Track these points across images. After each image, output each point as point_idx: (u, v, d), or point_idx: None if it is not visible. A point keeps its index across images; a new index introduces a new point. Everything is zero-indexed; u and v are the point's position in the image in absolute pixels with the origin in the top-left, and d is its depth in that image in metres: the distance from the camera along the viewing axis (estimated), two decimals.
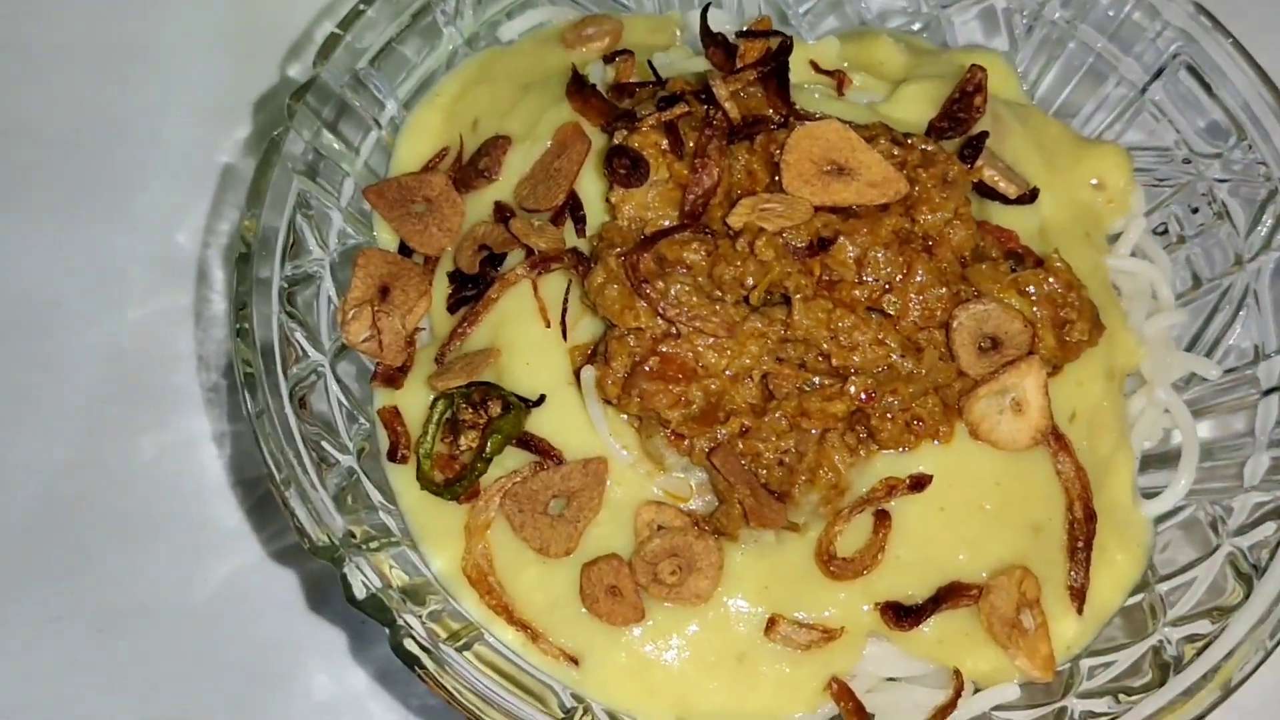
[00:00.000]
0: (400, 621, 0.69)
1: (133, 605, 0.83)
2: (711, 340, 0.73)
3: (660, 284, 0.73)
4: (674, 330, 0.74)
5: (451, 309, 0.82)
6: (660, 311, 0.73)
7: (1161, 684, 0.71)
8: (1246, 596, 0.73)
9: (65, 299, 0.89)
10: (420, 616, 0.70)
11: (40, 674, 0.82)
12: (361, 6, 0.85)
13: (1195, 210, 0.89)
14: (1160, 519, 0.81)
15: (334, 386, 0.79)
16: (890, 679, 0.76)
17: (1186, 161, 0.89)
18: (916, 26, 0.98)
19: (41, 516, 0.85)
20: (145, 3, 0.99)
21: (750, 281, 0.74)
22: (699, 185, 0.75)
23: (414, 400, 0.80)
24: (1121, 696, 0.71)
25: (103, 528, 0.84)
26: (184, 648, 0.82)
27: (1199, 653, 0.71)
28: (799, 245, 0.75)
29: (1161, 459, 0.84)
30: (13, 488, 0.85)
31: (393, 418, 0.80)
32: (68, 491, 0.85)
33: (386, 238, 0.86)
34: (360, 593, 0.69)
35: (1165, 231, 0.91)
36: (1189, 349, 0.86)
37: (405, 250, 0.85)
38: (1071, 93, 0.95)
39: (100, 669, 0.83)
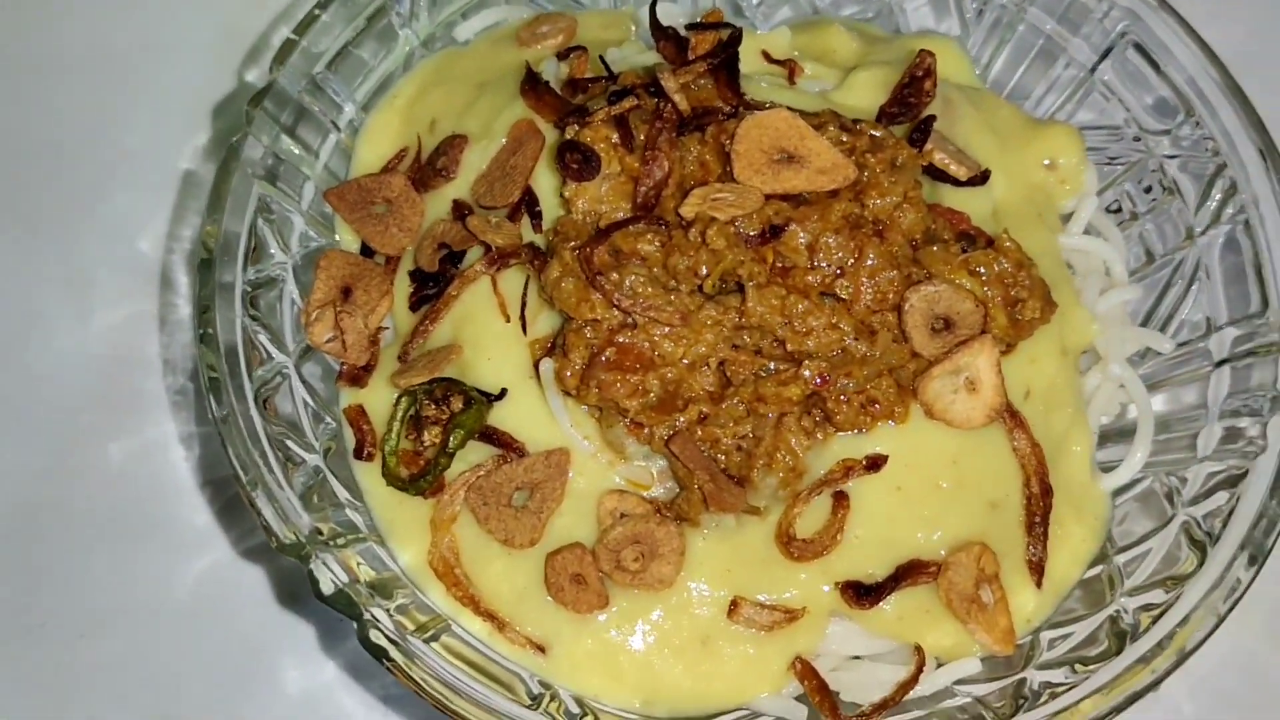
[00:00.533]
0: (368, 615, 0.70)
1: (111, 608, 0.84)
2: (667, 330, 0.74)
3: (615, 276, 0.74)
4: (630, 321, 0.75)
5: (413, 307, 0.83)
6: (615, 303, 0.74)
7: (1118, 652, 0.72)
8: (1200, 564, 0.74)
9: (32, 307, 0.91)
10: (388, 610, 0.71)
11: (25, 680, 0.83)
12: (317, 11, 0.86)
13: (1148, 189, 0.90)
14: (1117, 492, 0.82)
15: (299, 387, 0.80)
16: (854, 657, 0.77)
17: (1136, 139, 0.90)
18: (870, 14, 0.99)
19: (17, 523, 0.86)
20: (102, 13, 1.00)
21: (704, 270, 0.75)
22: (650, 177, 0.76)
23: (379, 398, 0.81)
24: (1078, 666, 0.72)
25: (77, 533, 0.86)
26: (162, 648, 0.83)
27: (1154, 621, 0.72)
28: (751, 234, 0.76)
29: (1118, 433, 0.85)
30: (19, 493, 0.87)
31: (358, 416, 0.81)
32: (42, 498, 0.86)
33: (348, 239, 0.87)
34: (328, 588, 0.70)
35: (1119, 210, 0.92)
36: (1143, 324, 0.87)
37: (367, 251, 0.86)
38: (1023, 75, 0.96)
39: (83, 672, 0.84)
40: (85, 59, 0.97)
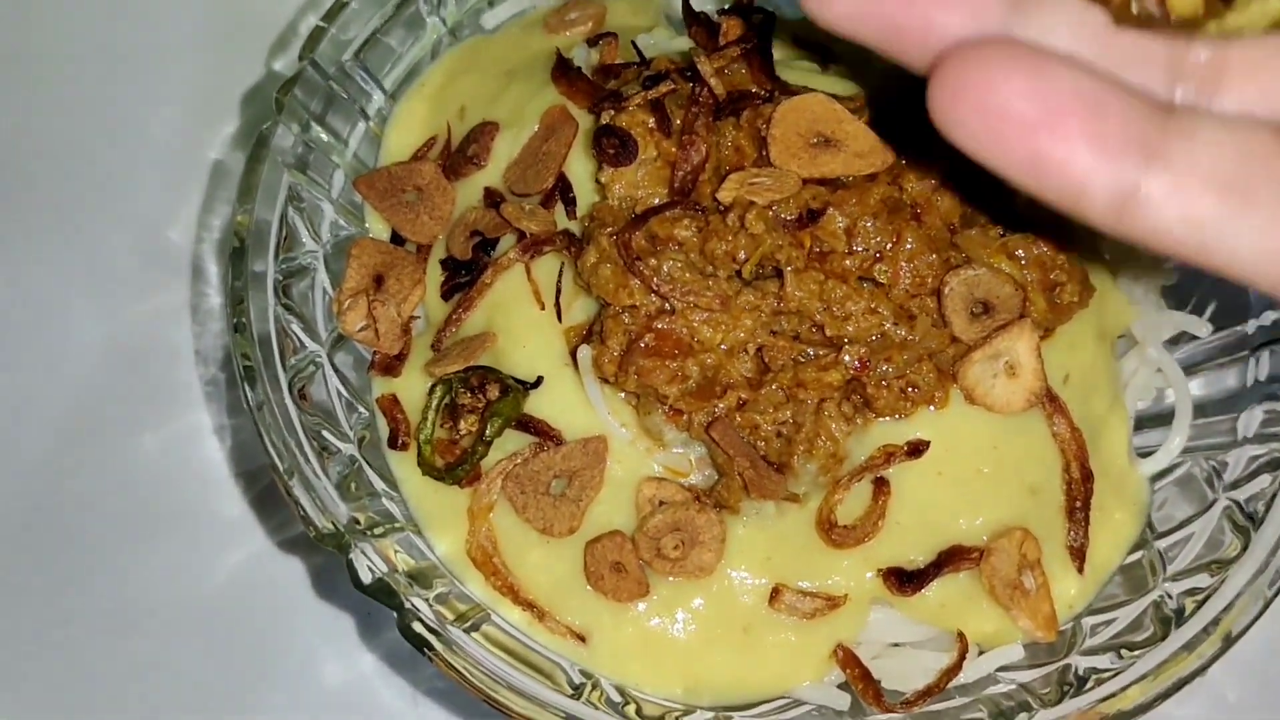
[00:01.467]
0: (408, 605, 0.69)
1: (142, 603, 0.83)
2: (706, 315, 0.74)
3: (653, 261, 0.74)
4: (668, 307, 0.74)
5: (446, 296, 0.82)
6: (654, 288, 0.74)
7: (1163, 638, 0.71)
8: (1245, 548, 0.73)
9: (63, 299, 0.90)
10: (427, 599, 0.71)
11: (54, 677, 0.83)
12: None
13: None
14: (1156, 477, 0.82)
15: (332, 377, 0.80)
16: (896, 644, 0.76)
17: None
18: None
19: (47, 518, 0.85)
20: (127, 5, 0.99)
21: (742, 255, 0.74)
22: (687, 161, 0.76)
23: (412, 387, 0.80)
24: (1124, 652, 0.72)
25: (109, 526, 0.85)
26: (195, 642, 0.82)
27: (1199, 606, 0.72)
28: (789, 218, 0.75)
29: (1156, 418, 0.85)
30: (17, 489, 0.86)
31: (392, 405, 0.81)
32: (72, 491, 0.86)
33: (379, 228, 0.86)
34: (366, 578, 0.70)
35: None
36: (1179, 308, 0.87)
37: (398, 239, 0.85)
38: None
39: (113, 668, 0.83)
40: (110, 51, 0.96)
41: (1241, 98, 0.48)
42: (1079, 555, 0.77)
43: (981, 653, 0.75)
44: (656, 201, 0.77)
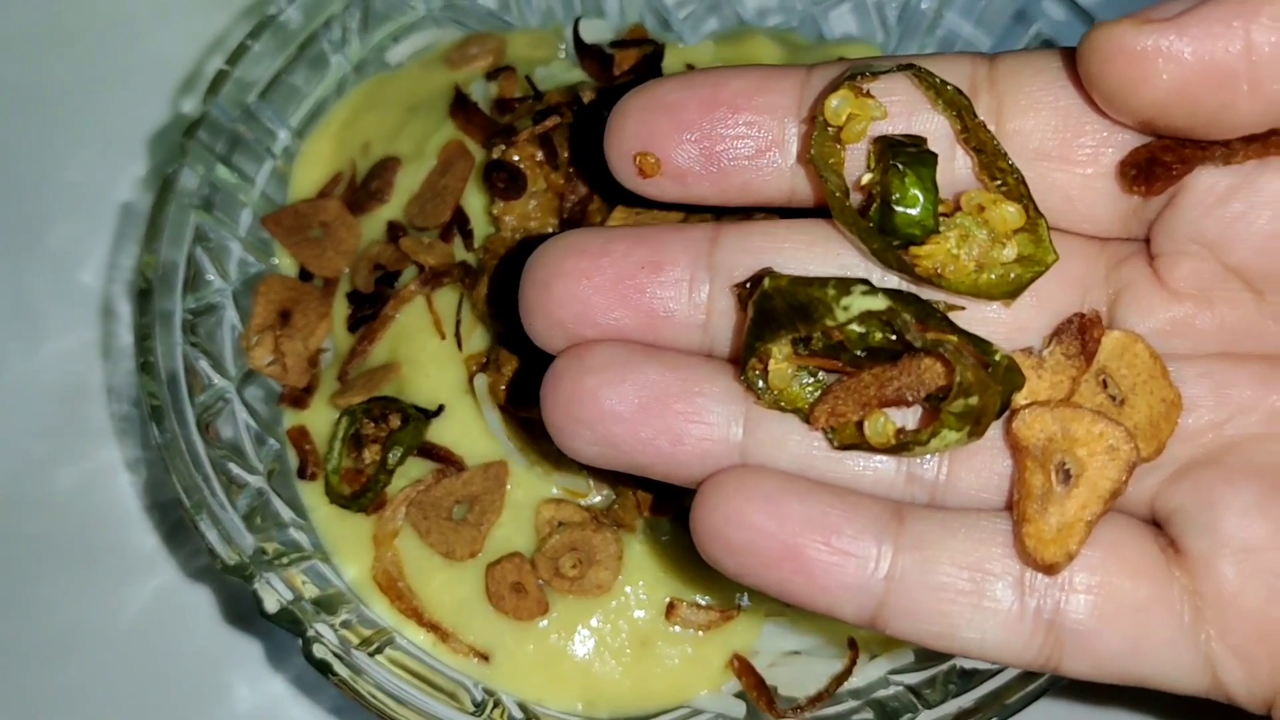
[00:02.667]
0: (312, 631, 0.71)
1: (63, 634, 0.85)
2: None
3: None
4: None
5: (352, 328, 0.85)
6: None
7: None
8: None
9: None
10: (332, 625, 0.73)
11: None
12: (248, 41, 0.87)
13: None
14: None
15: (241, 411, 0.82)
16: (790, 653, 0.79)
17: None
18: (794, 23, 1.01)
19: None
20: (37, 48, 1.01)
21: None
22: (574, 193, 0.78)
23: (320, 419, 0.83)
24: None
25: (28, 560, 0.87)
26: (117, 670, 0.84)
27: None
28: None
29: None
30: None
31: (300, 437, 0.83)
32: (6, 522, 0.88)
33: (287, 263, 0.88)
34: (272, 607, 0.72)
35: None
36: None
37: (305, 275, 0.87)
38: None
39: (37, 700, 0.85)
40: (19, 93, 0.98)
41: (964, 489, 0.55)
42: None
43: (873, 658, 0.78)
44: (549, 231, 0.80)
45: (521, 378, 0.76)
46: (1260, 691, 0.52)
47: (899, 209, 0.53)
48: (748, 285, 0.55)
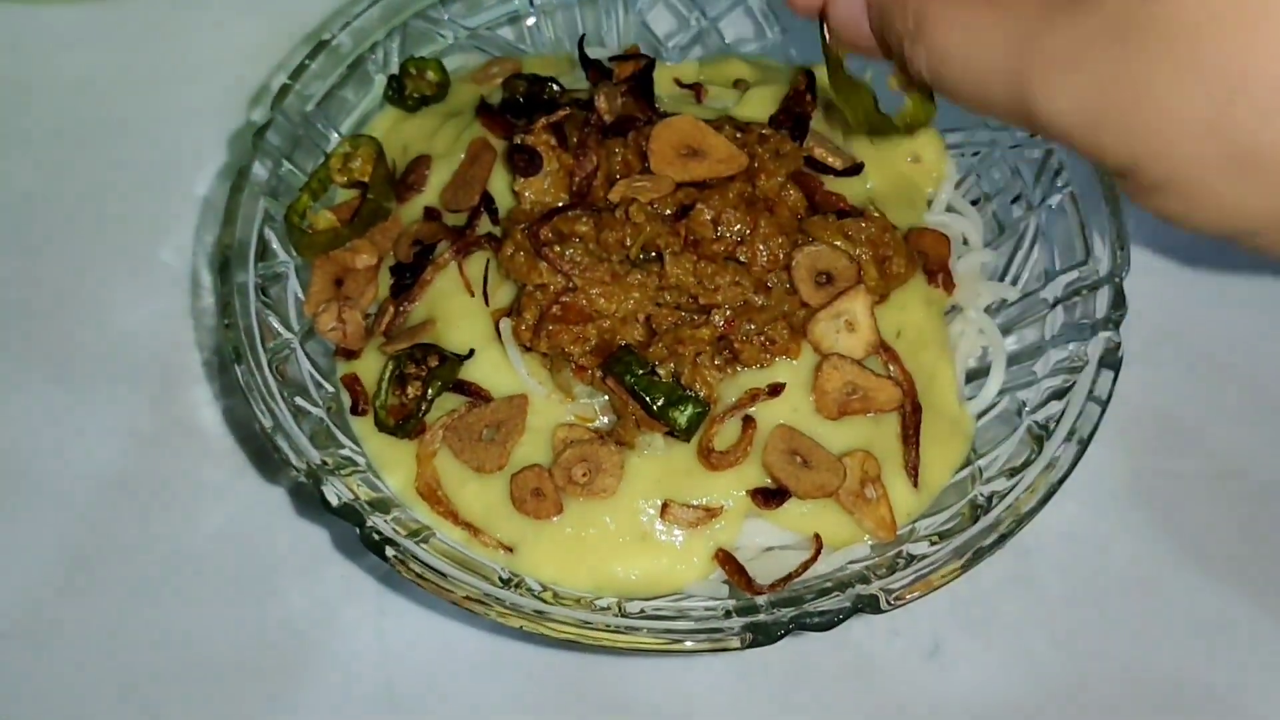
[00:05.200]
0: (370, 522, 0.87)
1: (165, 548, 1.02)
2: (601, 290, 0.92)
3: (557, 248, 0.93)
4: (571, 285, 0.93)
5: (395, 294, 1.01)
6: (559, 269, 0.92)
7: (973, 523, 0.89)
8: (1038, 454, 0.91)
9: (94, 300, 1.11)
10: (385, 519, 0.88)
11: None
12: (306, 61, 1.05)
13: (996, 175, 1.09)
14: (980, 414, 1.00)
15: (304, 360, 0.98)
16: (767, 549, 0.93)
17: (986, 137, 1.09)
18: (767, 50, 1.19)
19: (91, 484, 1.04)
20: (136, 81, 1.22)
21: (629, 242, 0.93)
22: (581, 169, 0.95)
23: (369, 367, 0.98)
24: (935, 539, 0.89)
25: (134, 488, 1.04)
26: (200, 570, 1.00)
27: (1001, 498, 0.90)
28: (666, 213, 0.94)
29: (983, 372, 1.03)
30: (45, 457, 1.04)
31: (353, 381, 0.98)
32: (104, 463, 1.05)
33: None
34: (335, 502, 0.87)
35: (977, 201, 1.10)
36: (1000, 281, 1.06)
37: None
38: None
39: (148, 604, 1.00)
40: (123, 123, 1.18)
41: None
42: (913, 472, 0.95)
43: (835, 551, 0.92)
44: (562, 204, 0.96)
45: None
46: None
47: None
48: None
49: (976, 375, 1.03)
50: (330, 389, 0.98)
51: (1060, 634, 1.01)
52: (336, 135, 1.07)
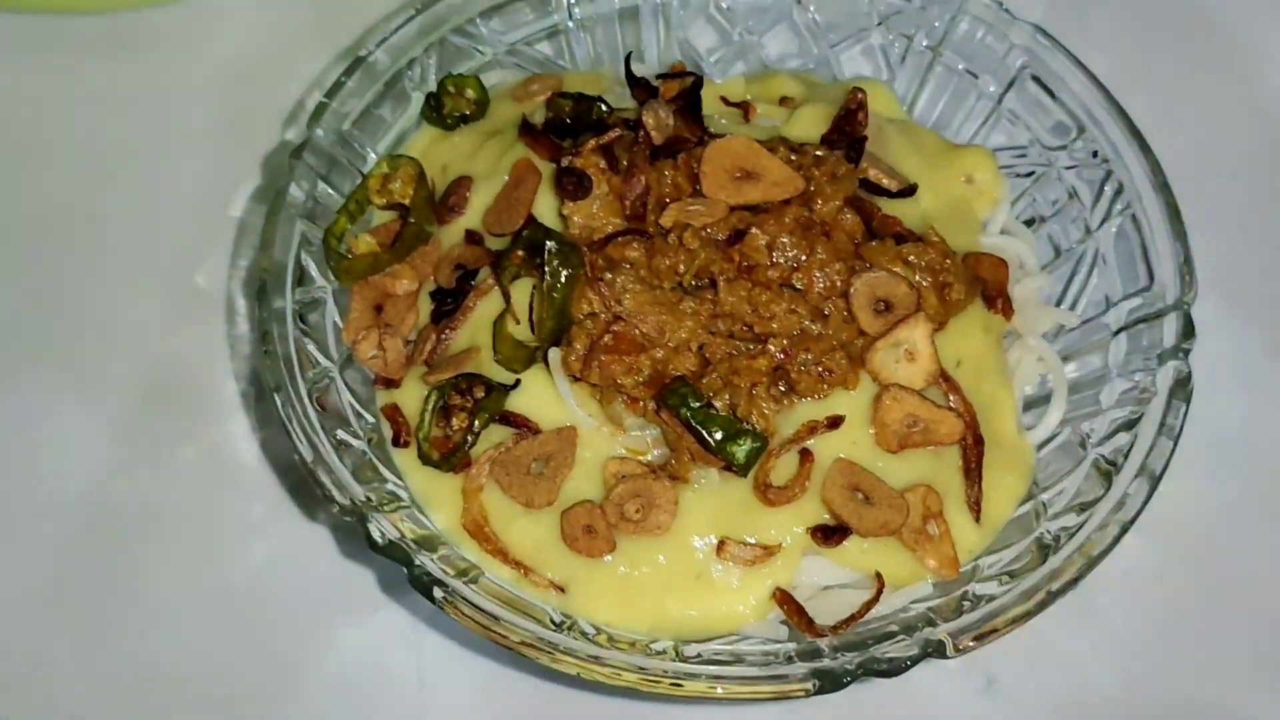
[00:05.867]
0: (417, 561, 0.83)
1: (199, 584, 0.99)
2: (654, 319, 0.89)
3: (608, 276, 0.90)
4: (623, 313, 0.90)
5: (435, 320, 0.97)
6: (611, 299, 0.89)
7: (1042, 563, 0.86)
8: (1106, 490, 0.88)
9: (120, 324, 1.08)
10: (432, 558, 0.85)
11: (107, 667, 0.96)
12: (343, 79, 1.02)
13: (1053, 197, 1.06)
14: (1041, 445, 0.97)
15: (344, 389, 0.95)
16: (826, 588, 0.90)
17: (1040, 156, 1.06)
18: (811, 65, 1.16)
19: (109, 514, 1.00)
20: (172, 101, 1.19)
21: (682, 269, 0.90)
22: (631, 191, 0.92)
23: (410, 396, 0.95)
24: (1004, 578, 0.86)
25: (166, 521, 1.00)
26: (238, 609, 0.97)
27: (1070, 536, 0.87)
28: (720, 238, 0.91)
29: (1042, 399, 1.00)
30: (81, 491, 1.01)
31: (394, 412, 0.95)
32: (128, 492, 1.01)
33: None
34: (381, 541, 0.84)
35: (1031, 222, 1.07)
36: (1057, 306, 1.03)
37: None
38: (943, 108, 1.12)
39: (179, 642, 0.97)
40: (154, 140, 1.16)
41: None
42: (976, 507, 0.92)
43: (897, 590, 0.89)
44: (610, 229, 0.93)
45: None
46: None
47: None
48: None
49: (1034, 403, 1.01)
50: (370, 419, 0.95)
51: (1117, 669, 0.98)
52: (373, 155, 1.04)
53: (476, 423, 0.91)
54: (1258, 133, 1.23)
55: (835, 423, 0.90)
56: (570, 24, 1.13)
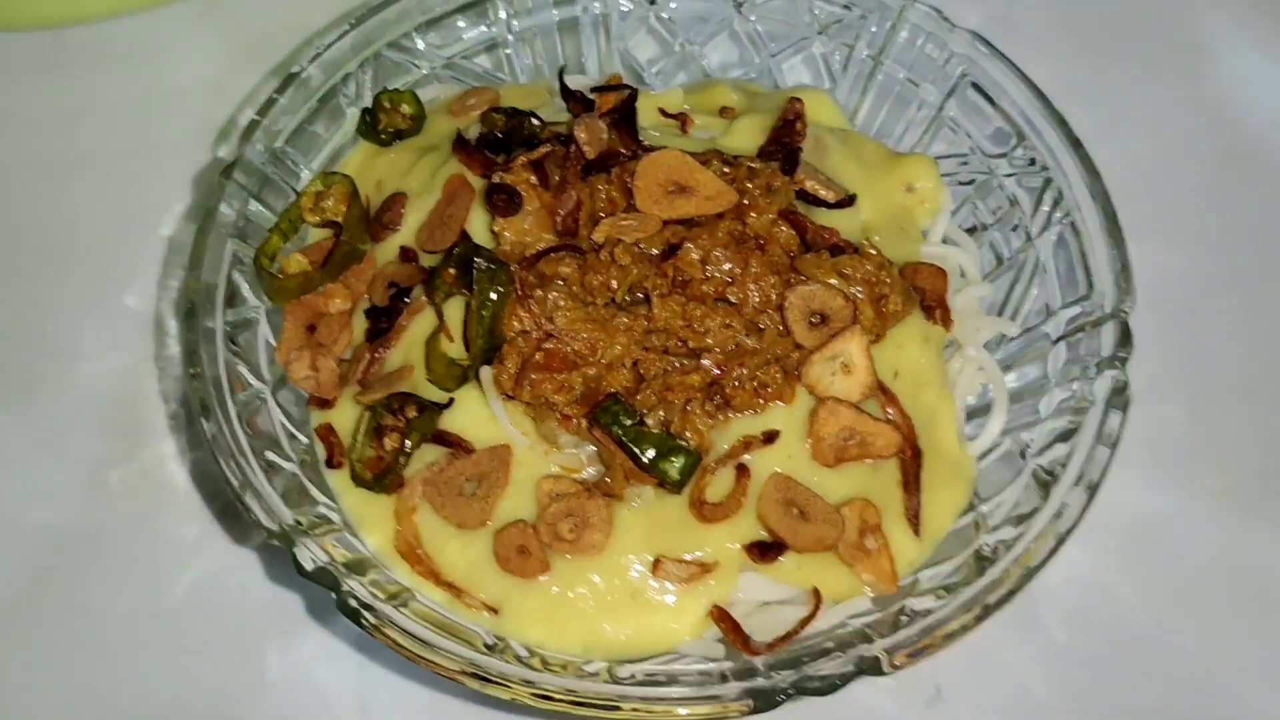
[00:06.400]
0: (346, 586, 0.82)
1: (129, 607, 0.97)
2: (586, 336, 0.88)
3: (539, 293, 0.88)
4: (554, 330, 0.88)
5: (370, 339, 0.96)
6: (542, 316, 0.88)
7: (979, 576, 0.85)
8: (1044, 500, 0.88)
9: (46, 348, 1.06)
10: (362, 583, 0.84)
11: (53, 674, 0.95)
12: (276, 95, 1.01)
13: (994, 205, 1.05)
14: (983, 456, 0.96)
15: (276, 411, 0.94)
16: (763, 604, 0.89)
17: (981, 164, 1.05)
18: (753, 75, 1.15)
19: (35, 537, 0.99)
20: (100, 119, 1.17)
21: (614, 285, 0.89)
22: (563, 206, 0.91)
23: (344, 416, 0.94)
24: (941, 592, 0.85)
25: (96, 544, 0.99)
26: (170, 634, 0.96)
27: (1007, 548, 0.86)
28: (653, 253, 0.90)
29: (984, 409, 0.99)
30: (4, 508, 1.00)
31: (327, 433, 0.94)
32: (65, 515, 1.00)
33: None
34: (309, 566, 0.83)
35: (974, 230, 1.07)
36: (999, 316, 1.02)
37: None
38: (884, 117, 1.11)
39: (111, 665, 0.96)
40: (84, 159, 1.14)
41: None
42: (914, 520, 0.91)
43: (835, 605, 0.88)
44: (542, 245, 0.92)
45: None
46: None
47: None
48: None
49: (976, 414, 1.00)
50: (304, 440, 0.94)
51: (1063, 677, 0.97)
52: (307, 173, 1.03)
53: (408, 443, 0.90)
54: (1201, 138, 1.23)
55: (771, 438, 0.89)
56: (509, 36, 1.12)
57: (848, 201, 0.99)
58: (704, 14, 1.14)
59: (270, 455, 0.89)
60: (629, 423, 0.86)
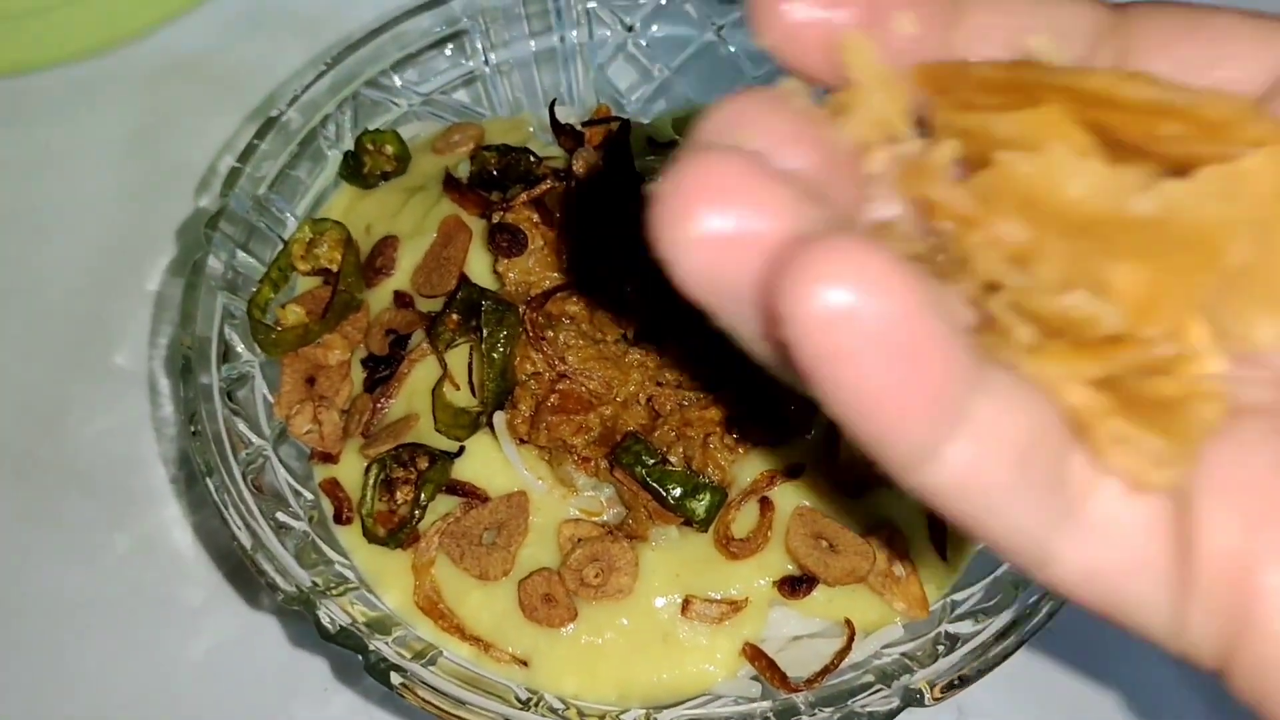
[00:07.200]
0: (372, 647, 0.79)
1: (142, 680, 0.93)
2: (599, 374, 0.86)
3: (549, 333, 0.86)
4: (567, 371, 0.86)
5: (369, 388, 0.93)
6: (554, 357, 0.86)
7: (1016, 596, 0.84)
8: None
9: (35, 412, 1.01)
10: (387, 642, 0.81)
11: None
12: (256, 141, 0.98)
13: None
14: None
15: (279, 467, 0.90)
16: (795, 638, 0.87)
17: None
18: None
19: (34, 607, 0.95)
20: (76, 168, 1.13)
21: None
22: (568, 245, 0.89)
23: (349, 470, 0.91)
24: (980, 617, 0.84)
25: (101, 615, 0.95)
26: (189, 705, 0.92)
27: None
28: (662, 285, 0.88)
29: None
30: (17, 590, 0.96)
31: (334, 487, 0.91)
32: (58, 587, 0.95)
33: None
34: (332, 629, 0.80)
35: None
36: None
37: None
38: None
39: None
40: (57, 212, 1.10)
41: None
42: (941, 544, 0.90)
43: (868, 635, 0.87)
44: (549, 283, 0.90)
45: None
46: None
47: None
48: None
49: None
50: (309, 496, 0.91)
51: (1093, 690, 0.96)
52: (293, 219, 1.00)
53: (423, 495, 0.87)
54: None
55: (794, 471, 0.87)
56: (487, 70, 1.09)
57: None
58: (684, 39, 1.12)
59: (280, 515, 0.86)
60: (651, 462, 0.84)
